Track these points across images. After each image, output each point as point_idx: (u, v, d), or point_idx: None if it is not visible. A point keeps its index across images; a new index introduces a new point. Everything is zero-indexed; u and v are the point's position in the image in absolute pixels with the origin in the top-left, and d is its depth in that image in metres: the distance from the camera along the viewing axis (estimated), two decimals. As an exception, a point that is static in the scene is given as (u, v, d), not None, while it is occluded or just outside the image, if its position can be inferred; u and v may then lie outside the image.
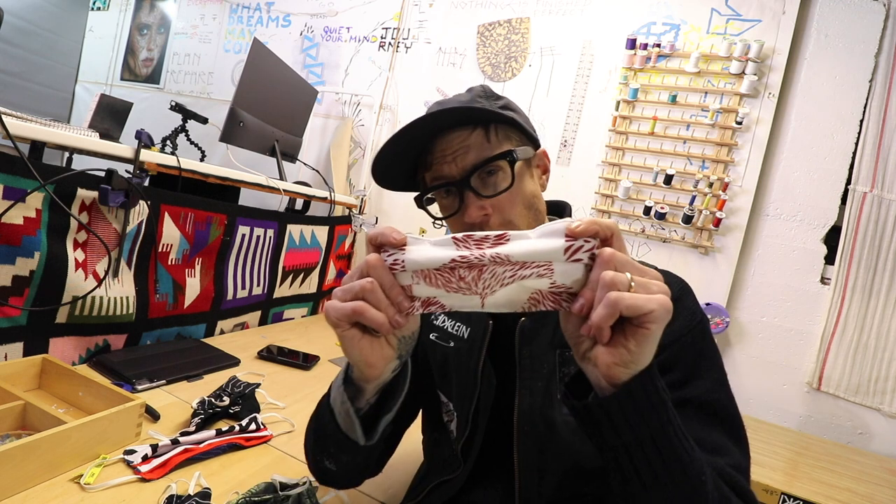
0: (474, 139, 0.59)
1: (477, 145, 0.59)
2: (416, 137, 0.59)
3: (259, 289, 1.60)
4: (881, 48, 1.55)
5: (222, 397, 0.92)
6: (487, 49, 2.10)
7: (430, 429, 0.76)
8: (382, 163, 0.61)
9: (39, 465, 0.63)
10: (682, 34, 1.76)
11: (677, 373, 0.54)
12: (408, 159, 0.63)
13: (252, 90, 1.62)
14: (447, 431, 0.69)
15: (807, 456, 1.34)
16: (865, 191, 1.54)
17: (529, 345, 0.60)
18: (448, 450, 0.68)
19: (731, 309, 1.70)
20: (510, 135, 0.61)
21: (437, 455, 0.71)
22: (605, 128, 1.85)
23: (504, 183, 0.59)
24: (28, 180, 0.87)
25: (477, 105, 0.59)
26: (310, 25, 2.49)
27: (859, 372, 1.54)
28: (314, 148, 2.40)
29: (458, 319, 0.69)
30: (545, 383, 0.59)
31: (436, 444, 0.72)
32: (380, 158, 0.60)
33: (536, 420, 0.59)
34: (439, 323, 0.71)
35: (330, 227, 1.93)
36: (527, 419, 0.59)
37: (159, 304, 1.23)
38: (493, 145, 0.59)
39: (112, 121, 1.82)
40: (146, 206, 1.11)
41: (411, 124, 0.56)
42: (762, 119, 1.65)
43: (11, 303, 0.89)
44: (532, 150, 0.64)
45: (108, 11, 3.11)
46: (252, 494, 0.67)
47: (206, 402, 0.90)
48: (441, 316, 0.71)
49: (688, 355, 0.55)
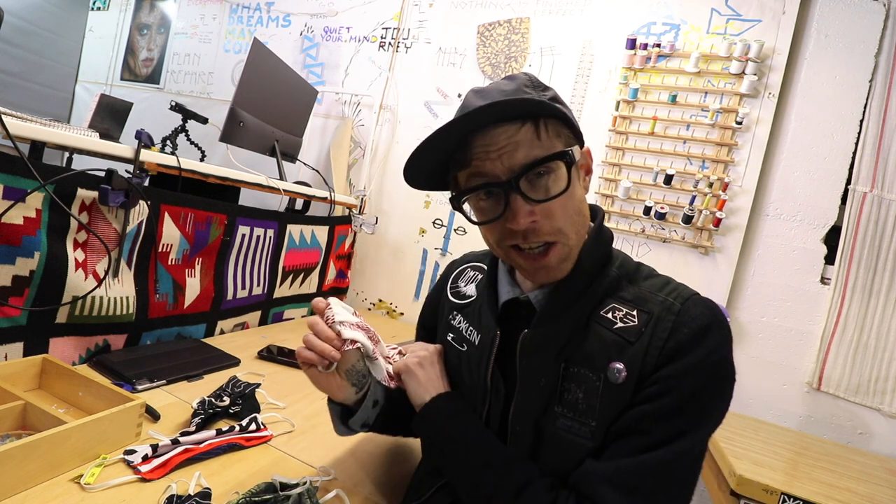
0: (523, 135, 0.52)
1: (527, 142, 0.52)
2: (454, 132, 0.53)
3: (259, 289, 1.60)
4: (881, 48, 1.55)
5: (222, 397, 0.92)
6: (487, 49, 2.10)
7: None
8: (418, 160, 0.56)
9: (39, 465, 0.63)
10: (682, 34, 1.76)
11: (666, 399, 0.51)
12: (440, 155, 0.57)
13: (252, 90, 1.62)
14: None
15: (807, 456, 1.34)
16: (865, 191, 1.54)
17: (529, 357, 0.59)
18: None
19: (731, 309, 1.70)
20: (560, 131, 0.55)
21: None
22: (604, 128, 1.85)
23: (558, 187, 0.53)
24: (28, 180, 0.87)
25: (526, 96, 0.53)
26: (310, 25, 2.49)
27: (859, 372, 1.54)
28: (314, 148, 2.40)
29: (472, 323, 0.68)
30: (542, 395, 0.58)
31: None
32: (417, 157, 0.56)
33: (528, 423, 0.59)
34: (456, 324, 0.70)
35: (330, 227, 1.93)
36: (519, 420, 0.59)
37: (159, 304, 1.23)
38: (543, 143, 0.53)
39: (112, 121, 1.82)
40: (146, 206, 1.11)
41: (455, 121, 0.51)
42: (762, 119, 1.65)
43: (11, 303, 0.89)
44: (580, 150, 0.58)
45: (108, 11, 3.11)
46: (252, 494, 0.67)
47: (206, 402, 0.90)
48: (458, 317, 0.71)
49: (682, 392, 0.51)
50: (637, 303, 0.57)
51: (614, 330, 0.56)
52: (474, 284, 0.73)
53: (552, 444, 0.57)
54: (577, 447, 0.55)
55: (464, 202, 0.58)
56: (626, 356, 0.54)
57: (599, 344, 0.56)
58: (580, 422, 0.55)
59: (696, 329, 0.52)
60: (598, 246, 0.60)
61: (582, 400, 0.55)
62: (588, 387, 0.55)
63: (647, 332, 0.54)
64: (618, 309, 0.57)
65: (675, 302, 0.55)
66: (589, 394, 0.55)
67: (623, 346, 0.54)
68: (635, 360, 0.53)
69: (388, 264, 2.23)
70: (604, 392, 0.54)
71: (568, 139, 0.56)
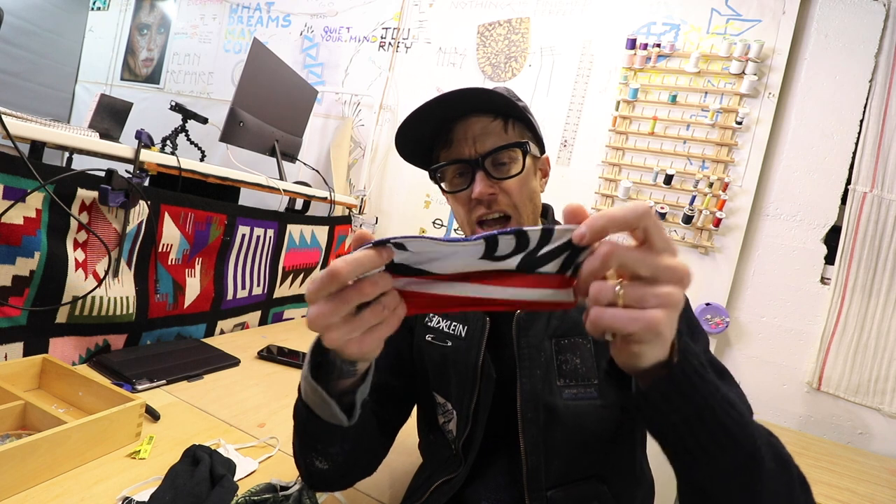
0: (494, 127, 0.64)
1: (496, 133, 0.64)
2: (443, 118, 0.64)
3: (259, 289, 1.60)
4: (881, 48, 1.55)
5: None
6: (487, 49, 2.10)
7: (426, 431, 0.76)
8: (408, 130, 0.65)
9: (39, 465, 0.63)
10: (682, 34, 1.76)
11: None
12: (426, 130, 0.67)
13: (252, 90, 1.62)
14: (443, 433, 0.70)
15: (807, 456, 1.34)
16: (865, 191, 1.54)
17: (527, 335, 0.64)
18: (447, 450, 0.69)
19: (731, 309, 1.70)
20: (524, 134, 0.66)
21: (436, 456, 0.72)
22: (605, 128, 1.85)
23: (515, 169, 0.63)
24: (28, 180, 0.87)
25: (504, 94, 0.62)
26: (310, 25, 2.49)
27: (859, 372, 1.54)
28: (314, 148, 2.40)
29: (455, 319, 0.70)
30: (544, 371, 0.62)
31: (433, 446, 0.73)
32: (407, 127, 0.65)
33: (539, 407, 0.61)
34: (434, 324, 0.72)
35: (330, 227, 1.92)
36: (529, 406, 0.61)
37: (159, 304, 1.23)
38: (510, 136, 0.64)
39: (112, 121, 1.82)
40: (146, 206, 1.11)
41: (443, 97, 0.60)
42: (762, 119, 1.65)
43: (11, 303, 0.89)
44: (539, 153, 0.69)
45: (108, 11, 3.11)
46: (252, 494, 0.67)
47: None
48: (436, 317, 0.72)
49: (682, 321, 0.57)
50: None
51: None
52: None
53: (565, 417, 0.60)
54: (588, 411, 0.61)
55: (440, 176, 0.68)
56: None
57: (578, 310, 0.57)
58: (584, 385, 0.62)
59: None
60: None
61: (580, 365, 0.62)
62: (582, 351, 0.63)
63: None
64: None
65: None
66: (584, 358, 0.62)
67: None
68: None
69: (388, 264, 2.23)
70: (597, 351, 0.62)
71: (532, 141, 0.67)
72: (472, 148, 0.63)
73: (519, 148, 0.63)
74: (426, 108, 0.62)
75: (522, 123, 0.66)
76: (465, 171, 0.65)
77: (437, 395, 0.70)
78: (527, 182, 0.65)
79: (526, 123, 0.67)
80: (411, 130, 0.65)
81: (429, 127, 0.66)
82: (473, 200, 0.63)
